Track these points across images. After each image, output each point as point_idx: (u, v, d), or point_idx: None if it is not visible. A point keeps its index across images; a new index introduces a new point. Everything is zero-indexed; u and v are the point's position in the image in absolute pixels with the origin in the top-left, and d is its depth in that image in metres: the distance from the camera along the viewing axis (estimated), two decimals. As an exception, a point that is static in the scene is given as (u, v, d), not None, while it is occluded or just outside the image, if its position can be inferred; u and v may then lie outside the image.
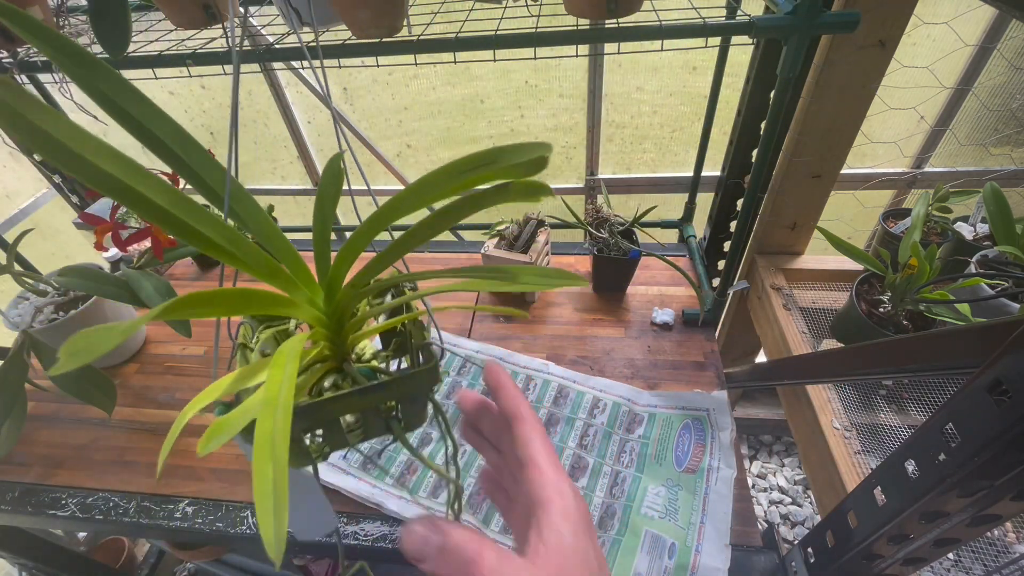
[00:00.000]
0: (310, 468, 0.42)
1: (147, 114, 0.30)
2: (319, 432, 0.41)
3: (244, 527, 0.85)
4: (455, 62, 0.74)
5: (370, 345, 0.49)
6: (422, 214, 0.35)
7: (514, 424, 0.35)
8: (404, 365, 0.49)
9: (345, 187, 0.42)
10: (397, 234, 0.36)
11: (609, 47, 1.14)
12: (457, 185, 0.31)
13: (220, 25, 0.73)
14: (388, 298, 0.49)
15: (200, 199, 0.34)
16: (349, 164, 0.41)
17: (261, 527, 0.23)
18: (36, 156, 1.30)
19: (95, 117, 1.05)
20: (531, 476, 0.32)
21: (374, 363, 0.47)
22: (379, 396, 0.40)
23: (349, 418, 0.42)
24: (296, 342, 0.34)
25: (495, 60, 0.74)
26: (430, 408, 0.45)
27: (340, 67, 1.23)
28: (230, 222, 0.34)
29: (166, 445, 0.30)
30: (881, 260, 0.97)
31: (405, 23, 0.72)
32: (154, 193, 0.28)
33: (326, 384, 0.42)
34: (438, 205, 0.34)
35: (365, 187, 0.51)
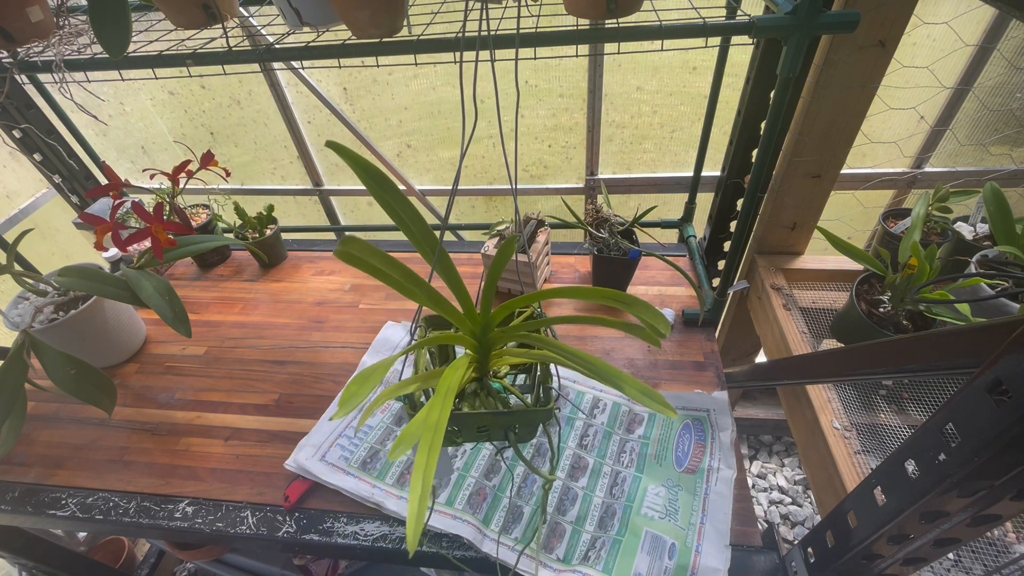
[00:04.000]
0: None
1: (398, 201, 0.54)
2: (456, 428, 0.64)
3: (244, 527, 0.85)
4: (455, 62, 0.74)
5: (505, 367, 0.72)
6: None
7: None
8: (523, 379, 0.77)
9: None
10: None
11: (609, 47, 1.14)
12: (598, 299, 0.56)
13: (220, 25, 0.73)
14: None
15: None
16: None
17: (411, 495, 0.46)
18: (36, 156, 1.30)
19: (95, 117, 1.05)
20: None
21: (505, 380, 0.70)
22: (506, 420, 0.63)
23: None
24: (456, 377, 0.57)
25: (495, 60, 0.74)
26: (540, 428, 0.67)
27: (340, 67, 1.23)
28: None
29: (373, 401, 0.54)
30: (881, 260, 0.97)
31: (405, 23, 0.72)
32: (394, 271, 0.54)
33: (468, 389, 0.66)
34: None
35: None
